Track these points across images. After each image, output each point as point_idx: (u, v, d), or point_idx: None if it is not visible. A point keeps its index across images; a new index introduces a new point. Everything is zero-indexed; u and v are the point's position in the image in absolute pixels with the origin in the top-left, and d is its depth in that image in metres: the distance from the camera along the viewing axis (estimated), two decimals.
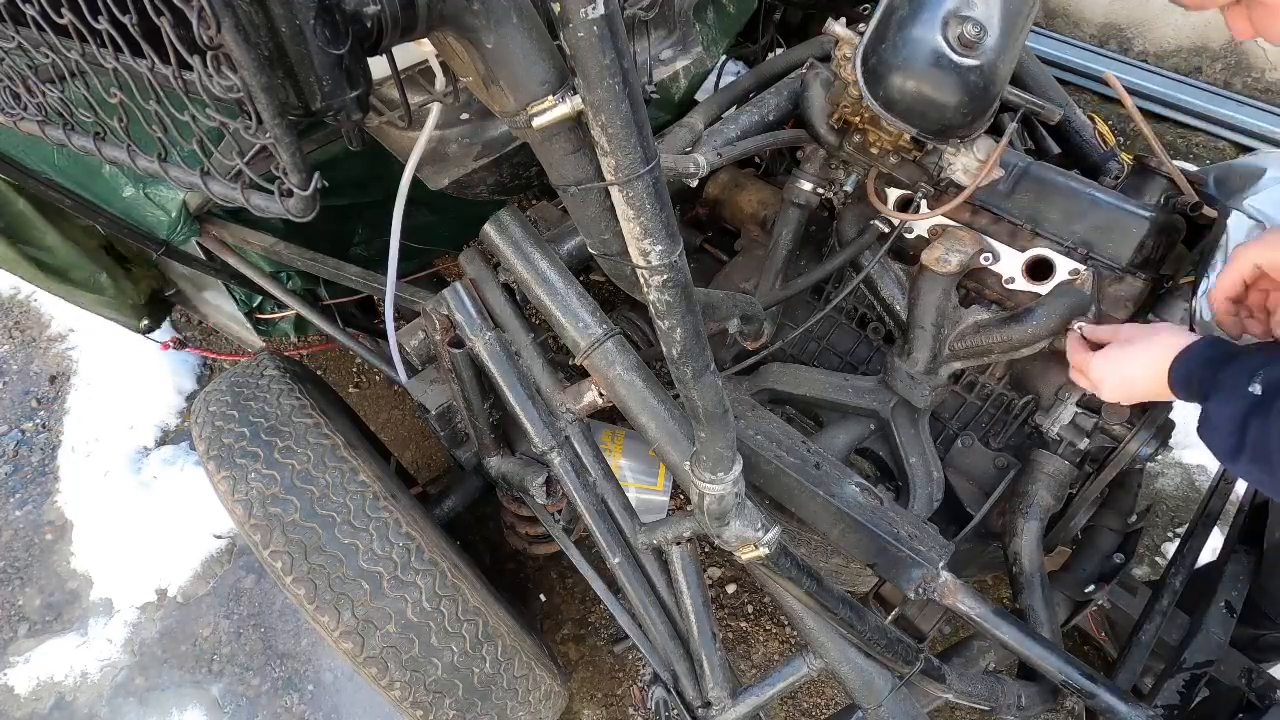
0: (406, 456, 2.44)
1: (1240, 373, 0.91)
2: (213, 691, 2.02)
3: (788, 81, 1.51)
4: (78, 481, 2.34)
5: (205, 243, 1.72)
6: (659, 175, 0.73)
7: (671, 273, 0.78)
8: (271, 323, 2.05)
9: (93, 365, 2.53)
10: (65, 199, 1.54)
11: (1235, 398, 0.90)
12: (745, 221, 1.85)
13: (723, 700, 1.33)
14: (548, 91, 0.73)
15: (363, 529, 1.32)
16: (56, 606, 2.15)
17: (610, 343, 1.13)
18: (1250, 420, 0.88)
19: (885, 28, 1.20)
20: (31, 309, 2.76)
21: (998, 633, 1.36)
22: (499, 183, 1.26)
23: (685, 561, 1.27)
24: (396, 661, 1.31)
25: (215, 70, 0.58)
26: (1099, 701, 1.35)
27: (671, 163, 1.23)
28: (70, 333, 2.66)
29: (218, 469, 1.35)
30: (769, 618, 2.22)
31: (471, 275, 1.28)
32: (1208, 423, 0.96)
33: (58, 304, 2.29)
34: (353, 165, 1.66)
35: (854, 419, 1.59)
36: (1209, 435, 0.96)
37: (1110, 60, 3.59)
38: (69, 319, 2.67)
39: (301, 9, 0.55)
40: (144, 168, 0.78)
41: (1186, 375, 1.00)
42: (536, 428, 1.29)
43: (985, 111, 1.25)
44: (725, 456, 0.99)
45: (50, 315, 2.72)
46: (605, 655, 2.12)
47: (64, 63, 0.73)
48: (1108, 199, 1.35)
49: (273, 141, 0.61)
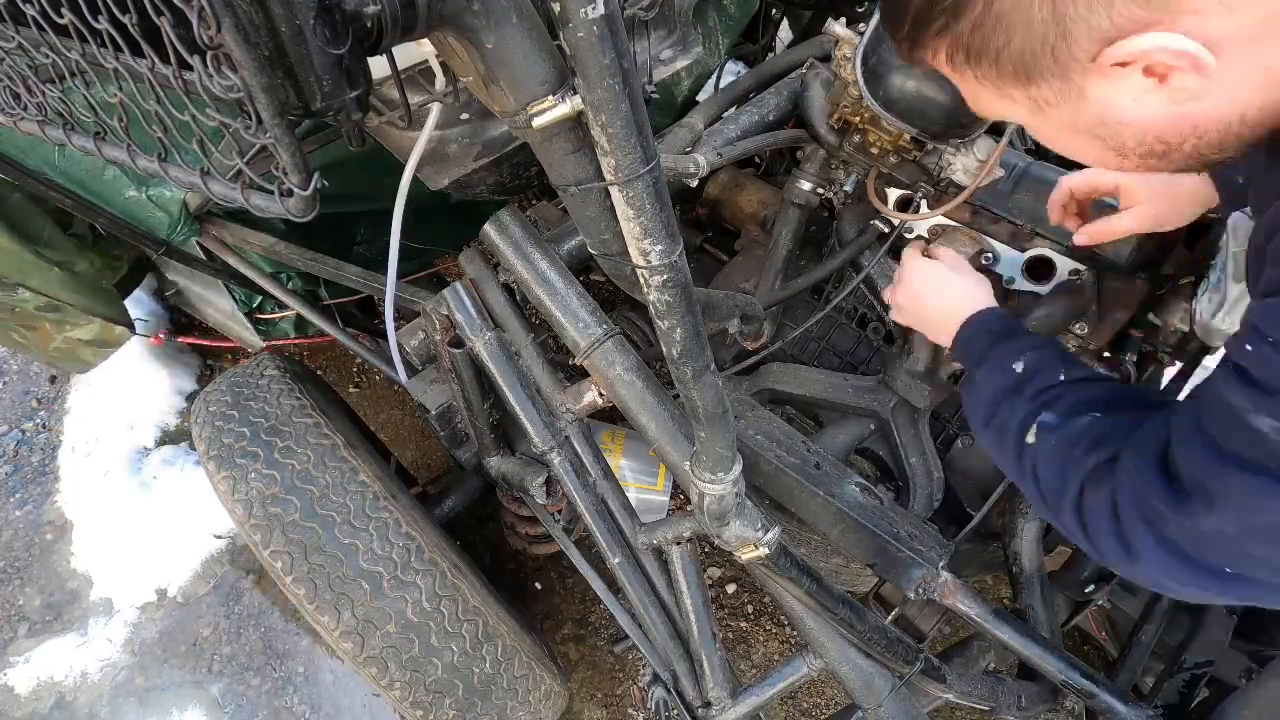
0: (406, 456, 2.44)
1: (1011, 351, 1.00)
2: (213, 691, 2.02)
3: (788, 81, 1.51)
4: (78, 481, 2.34)
5: (205, 243, 1.73)
6: (659, 175, 0.73)
7: (671, 273, 0.78)
8: (271, 323, 2.05)
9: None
10: (65, 199, 1.54)
11: (999, 372, 0.99)
12: (745, 221, 1.85)
13: (723, 700, 1.33)
14: (548, 91, 0.73)
15: (363, 529, 1.32)
16: (56, 606, 2.14)
17: (610, 343, 1.13)
18: (1001, 402, 0.97)
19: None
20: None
21: (998, 633, 1.36)
22: (499, 183, 1.26)
23: (685, 561, 1.27)
24: (396, 661, 1.31)
25: (215, 70, 0.57)
26: (1099, 701, 1.35)
27: (671, 163, 1.23)
28: None
29: (218, 469, 1.35)
30: (769, 618, 2.22)
31: (471, 275, 1.28)
32: (972, 388, 1.05)
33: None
34: (356, 174, 1.66)
35: (854, 419, 1.59)
36: (970, 400, 1.05)
37: None
38: None
39: (301, 9, 0.55)
40: (144, 168, 0.78)
41: (966, 342, 1.11)
42: (536, 428, 1.29)
43: None
44: (725, 456, 0.99)
45: None
46: (605, 655, 2.12)
47: (64, 63, 0.73)
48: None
49: (273, 141, 0.61)
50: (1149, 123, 0.66)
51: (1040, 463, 0.89)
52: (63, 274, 1.75)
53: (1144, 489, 0.73)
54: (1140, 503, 0.73)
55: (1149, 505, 0.72)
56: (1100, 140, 0.70)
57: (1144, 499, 0.73)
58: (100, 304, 1.85)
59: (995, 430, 0.98)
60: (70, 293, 1.77)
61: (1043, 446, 0.89)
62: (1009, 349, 1.01)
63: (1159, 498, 0.71)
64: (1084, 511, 0.82)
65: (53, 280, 1.74)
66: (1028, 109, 0.70)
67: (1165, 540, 0.71)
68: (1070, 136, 0.72)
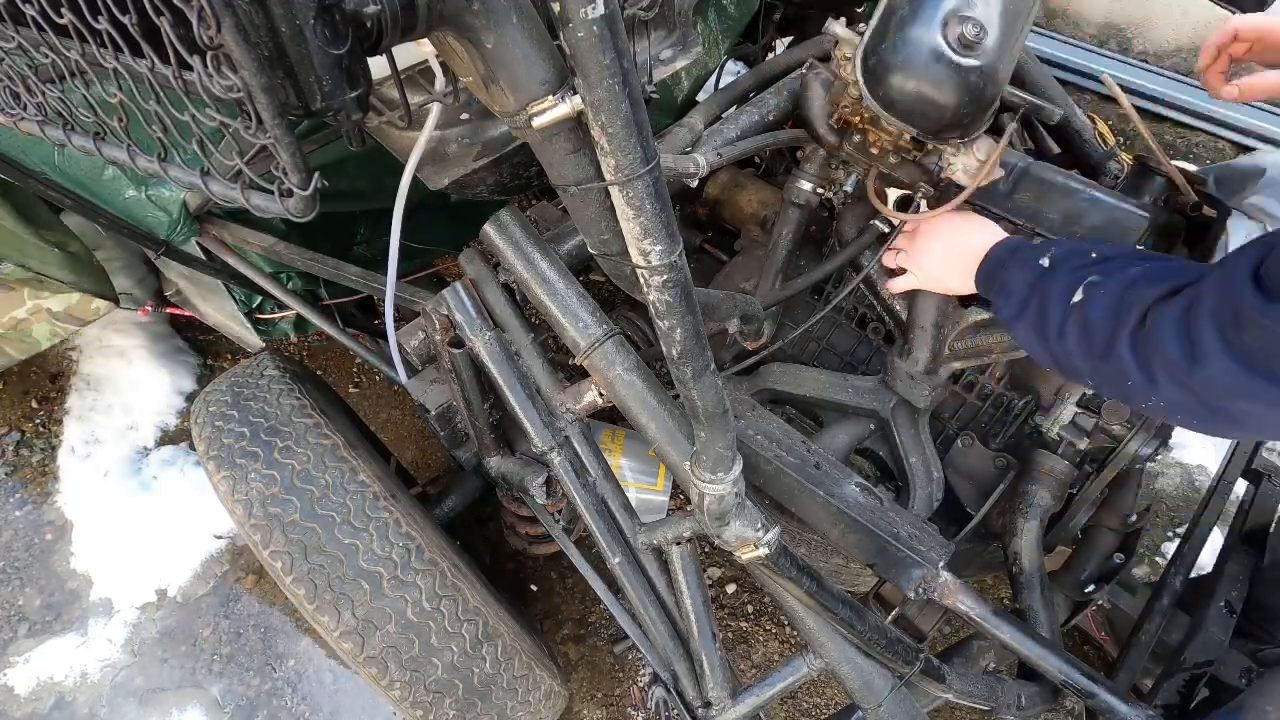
0: (406, 456, 2.43)
1: (1036, 253, 1.05)
2: (213, 691, 2.02)
3: (788, 81, 1.51)
4: (78, 482, 2.34)
5: (205, 243, 1.73)
6: (659, 175, 0.73)
7: (671, 273, 0.78)
8: (271, 323, 2.05)
9: (93, 365, 2.53)
10: (65, 199, 1.54)
11: (1029, 268, 1.04)
12: (745, 221, 1.85)
13: (723, 700, 1.33)
14: (548, 91, 0.73)
15: (363, 529, 1.32)
16: (56, 606, 2.14)
17: (610, 343, 1.13)
18: (1035, 286, 1.01)
19: (885, 27, 1.20)
20: None
21: (998, 633, 1.36)
22: (499, 183, 1.26)
23: (685, 561, 1.27)
24: (396, 661, 1.31)
25: (215, 70, 0.57)
26: (1099, 701, 1.35)
27: (671, 163, 1.23)
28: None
29: (218, 469, 1.35)
30: (769, 618, 2.22)
31: (471, 275, 1.28)
32: (1004, 289, 1.08)
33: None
34: (356, 174, 1.66)
35: (854, 419, 1.59)
36: (1002, 300, 1.08)
37: (1110, 60, 3.59)
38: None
39: (301, 9, 0.55)
40: (144, 168, 0.78)
41: (990, 270, 1.14)
42: (536, 428, 1.29)
43: (985, 111, 1.25)
44: (725, 456, 0.99)
45: None
46: (605, 655, 2.12)
47: (64, 63, 0.73)
48: (1107, 199, 1.35)
49: (273, 141, 0.61)
50: None
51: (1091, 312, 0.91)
52: (60, 254, 1.77)
53: (1231, 295, 0.75)
54: (1221, 309, 0.76)
55: (1231, 310, 0.75)
56: None
57: (1228, 303, 0.76)
58: (89, 280, 1.87)
59: (1033, 313, 1.00)
60: (66, 272, 1.80)
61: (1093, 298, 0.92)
62: (1035, 252, 1.05)
63: (1247, 300, 0.73)
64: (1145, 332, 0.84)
65: (50, 260, 1.77)
66: None
67: (1236, 345, 0.75)
68: None
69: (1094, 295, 0.92)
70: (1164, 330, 0.82)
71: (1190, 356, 0.79)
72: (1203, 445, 2.61)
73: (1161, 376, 0.83)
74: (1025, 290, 1.03)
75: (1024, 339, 1.07)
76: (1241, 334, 0.75)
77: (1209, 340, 0.77)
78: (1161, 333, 0.82)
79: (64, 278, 1.80)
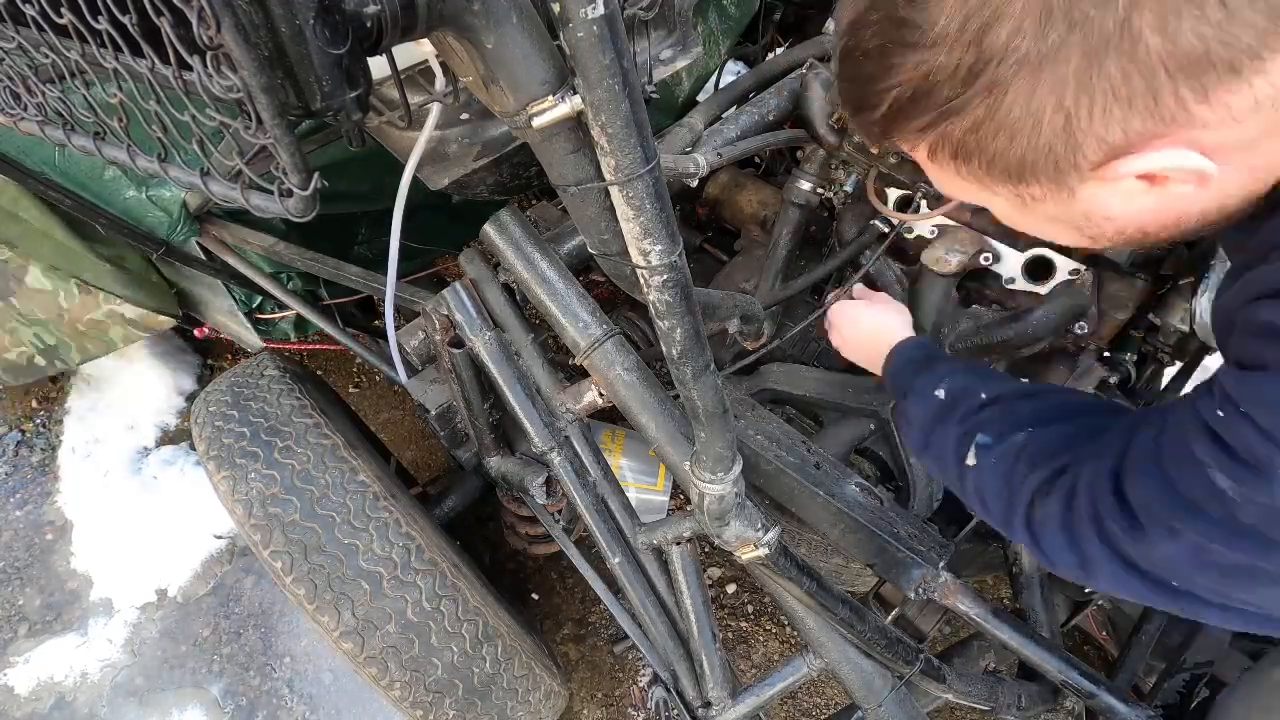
0: (406, 456, 2.43)
1: (932, 379, 1.04)
2: (213, 691, 2.02)
3: (788, 81, 1.51)
4: (78, 482, 2.34)
5: (205, 243, 1.73)
6: (659, 175, 0.73)
7: (671, 273, 0.78)
8: (271, 323, 2.05)
9: (93, 365, 2.52)
10: (65, 199, 1.54)
11: (925, 401, 1.03)
12: (745, 221, 1.85)
13: (723, 700, 1.33)
14: (547, 91, 0.72)
15: (363, 529, 1.32)
16: (56, 606, 2.14)
17: (610, 343, 1.13)
18: (933, 427, 1.00)
19: None
20: None
21: (998, 633, 1.36)
22: (499, 183, 1.26)
23: (685, 561, 1.27)
24: (397, 661, 1.31)
25: (215, 70, 0.57)
26: (1099, 701, 1.35)
27: (671, 163, 1.23)
28: None
29: (218, 469, 1.35)
30: (769, 618, 2.22)
31: (471, 275, 1.28)
32: (905, 419, 1.08)
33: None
34: (357, 176, 1.66)
35: (854, 419, 1.59)
36: (905, 430, 1.09)
37: None
38: None
39: (301, 9, 0.55)
40: (144, 168, 0.78)
41: (894, 375, 1.16)
42: (536, 428, 1.28)
43: None
44: (725, 456, 0.99)
45: None
46: (605, 655, 2.12)
47: (64, 63, 0.73)
48: None
49: (272, 142, 0.61)
50: (1133, 218, 0.66)
51: (984, 484, 0.90)
52: (114, 269, 1.79)
53: (1100, 510, 0.74)
54: (1096, 522, 0.74)
55: (1104, 526, 0.73)
56: (1078, 230, 0.70)
57: (1100, 520, 0.74)
58: (146, 295, 1.88)
59: (934, 457, 1.01)
60: (121, 287, 1.82)
61: (984, 467, 0.90)
62: (930, 377, 1.05)
63: (1115, 522, 0.72)
64: (1035, 525, 0.82)
65: (104, 275, 1.78)
66: (1009, 203, 0.70)
67: (1119, 556, 0.73)
68: (1048, 225, 0.72)
69: (984, 464, 0.90)
70: (1051, 535, 0.80)
71: (1081, 564, 0.78)
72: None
73: (1064, 569, 0.81)
74: (925, 429, 1.02)
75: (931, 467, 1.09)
76: (1119, 547, 0.73)
77: (1094, 550, 0.75)
78: (1049, 538, 0.80)
79: (119, 291, 1.81)
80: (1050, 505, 0.80)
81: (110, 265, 1.78)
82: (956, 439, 0.95)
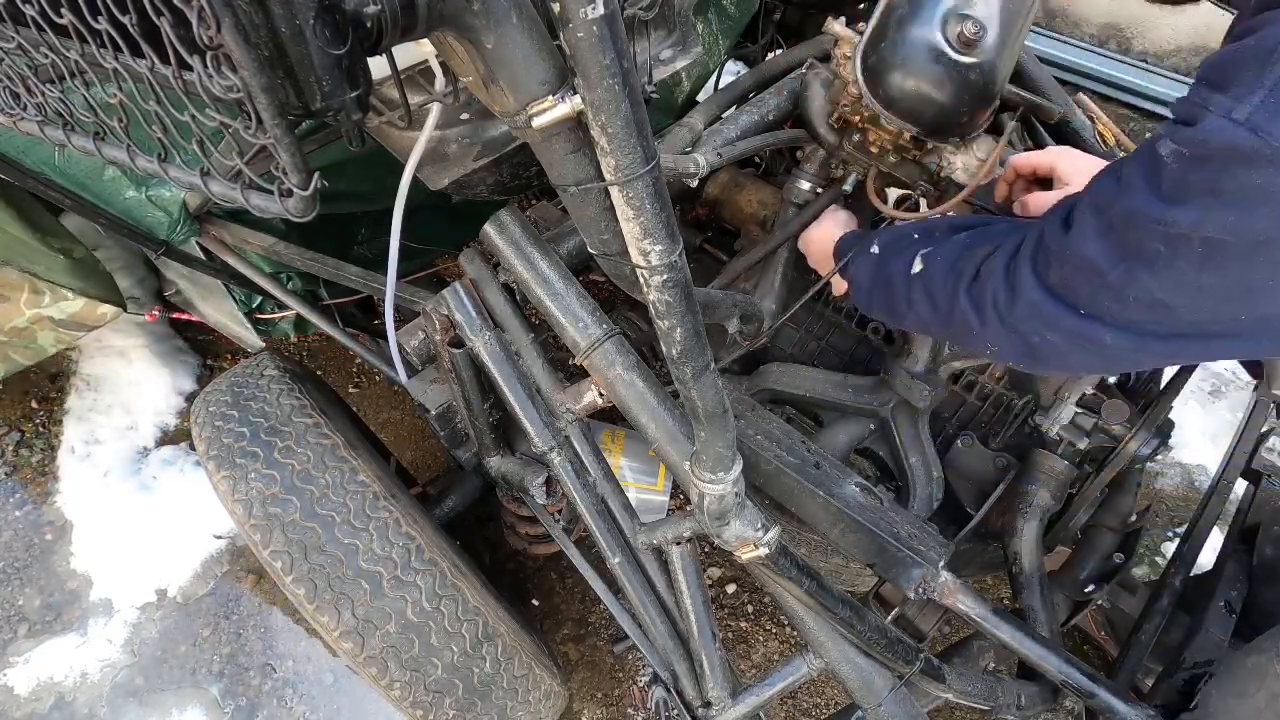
0: (406, 456, 2.43)
1: (866, 243, 1.23)
2: (213, 691, 2.02)
3: (787, 81, 1.51)
4: (78, 482, 2.34)
5: (205, 243, 1.72)
6: (659, 175, 0.73)
7: (671, 272, 0.78)
8: (271, 323, 2.05)
9: (92, 365, 2.53)
10: (65, 199, 1.54)
11: (865, 258, 1.22)
12: (745, 222, 1.85)
13: (723, 700, 1.33)
14: (547, 91, 0.72)
15: (363, 529, 1.32)
16: (56, 606, 2.14)
17: (610, 343, 1.13)
18: (877, 272, 1.19)
19: (885, 26, 1.20)
20: None
21: (998, 633, 1.36)
22: (499, 183, 1.26)
23: (685, 561, 1.27)
24: (397, 661, 1.31)
25: (215, 70, 0.57)
26: (1099, 701, 1.35)
27: (671, 163, 1.23)
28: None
29: (218, 469, 1.34)
30: (769, 618, 2.22)
31: (471, 275, 1.28)
32: (854, 283, 1.25)
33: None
34: (358, 176, 1.66)
35: (854, 419, 1.59)
36: (855, 290, 1.26)
37: (1110, 60, 3.59)
38: None
39: (301, 9, 0.55)
40: (144, 168, 0.78)
41: (840, 251, 1.33)
42: (536, 428, 1.28)
43: (985, 110, 1.25)
44: (725, 456, 0.99)
45: None
46: (605, 655, 2.12)
47: (63, 63, 0.73)
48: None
49: (272, 142, 0.61)
50: None
51: (932, 274, 1.07)
52: (65, 260, 1.76)
53: (1044, 237, 0.90)
54: (1036, 250, 0.91)
55: (1043, 249, 0.90)
56: None
57: (1041, 244, 0.90)
58: (96, 286, 1.86)
59: (882, 287, 1.17)
60: (72, 278, 1.79)
61: (931, 264, 1.07)
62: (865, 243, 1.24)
63: (1052, 237, 0.89)
64: (979, 282, 0.98)
65: (57, 267, 1.75)
66: None
67: (1044, 279, 0.89)
68: None
69: (932, 263, 1.07)
70: (993, 276, 0.96)
71: (1010, 292, 0.93)
72: (1202, 445, 2.61)
73: (991, 318, 0.97)
74: (869, 277, 1.20)
75: (880, 314, 1.25)
76: (1049, 269, 0.89)
77: (1024, 276, 0.91)
78: (991, 278, 0.96)
79: (70, 284, 1.79)
80: (997, 258, 0.97)
81: (62, 256, 1.75)
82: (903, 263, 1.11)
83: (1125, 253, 0.80)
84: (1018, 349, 0.97)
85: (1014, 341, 0.97)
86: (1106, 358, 0.91)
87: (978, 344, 1.04)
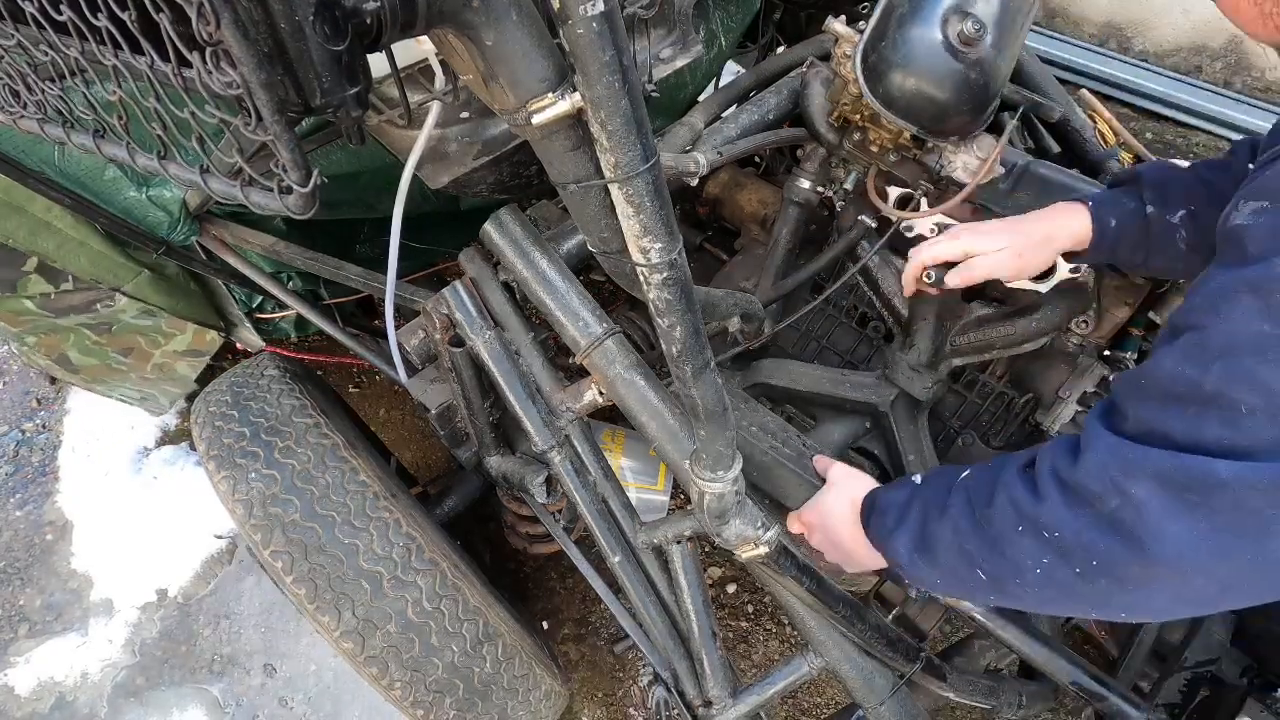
0: (406, 456, 2.43)
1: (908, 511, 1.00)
2: (213, 691, 2.02)
3: (788, 80, 1.51)
4: (78, 481, 2.34)
5: (205, 242, 1.72)
6: (659, 173, 0.73)
7: (671, 270, 0.78)
8: (271, 323, 2.05)
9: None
10: (65, 199, 1.54)
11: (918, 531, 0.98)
12: (745, 220, 1.85)
13: (723, 700, 1.33)
14: (547, 89, 0.72)
15: (363, 529, 1.32)
16: (56, 606, 2.14)
17: (610, 341, 1.13)
18: (953, 531, 0.93)
19: (885, 25, 1.20)
20: None
21: (999, 632, 1.36)
22: (499, 181, 1.26)
23: (685, 561, 1.27)
24: (397, 661, 1.31)
25: (214, 67, 0.57)
26: (1110, 705, 1.35)
27: (672, 161, 1.24)
28: None
29: (218, 469, 1.34)
30: (769, 617, 2.21)
31: (471, 274, 1.28)
32: (909, 567, 1.00)
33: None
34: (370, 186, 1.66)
35: (849, 416, 1.59)
36: (927, 573, 0.98)
37: (1110, 60, 3.59)
38: None
39: (301, 5, 0.55)
40: (144, 165, 0.78)
41: (881, 538, 1.04)
42: (536, 427, 1.28)
43: (985, 109, 1.25)
44: (725, 455, 0.99)
45: None
46: (605, 655, 2.12)
47: (63, 60, 0.73)
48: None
49: (272, 139, 0.61)
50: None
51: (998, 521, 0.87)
52: (152, 276, 1.75)
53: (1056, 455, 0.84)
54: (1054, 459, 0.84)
55: (1059, 458, 0.83)
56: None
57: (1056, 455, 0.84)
58: (187, 306, 1.86)
59: (956, 555, 0.92)
60: (162, 296, 1.78)
61: (998, 509, 0.87)
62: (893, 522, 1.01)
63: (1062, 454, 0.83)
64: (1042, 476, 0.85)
65: (144, 284, 1.74)
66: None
67: (1059, 480, 0.81)
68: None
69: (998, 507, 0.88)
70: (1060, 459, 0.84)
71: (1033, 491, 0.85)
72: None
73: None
74: (944, 544, 0.94)
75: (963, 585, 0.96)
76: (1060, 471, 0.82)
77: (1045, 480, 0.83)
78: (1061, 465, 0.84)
79: (162, 303, 1.78)
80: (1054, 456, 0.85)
81: (150, 272, 1.73)
82: (954, 520, 0.92)
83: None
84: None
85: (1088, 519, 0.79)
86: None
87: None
